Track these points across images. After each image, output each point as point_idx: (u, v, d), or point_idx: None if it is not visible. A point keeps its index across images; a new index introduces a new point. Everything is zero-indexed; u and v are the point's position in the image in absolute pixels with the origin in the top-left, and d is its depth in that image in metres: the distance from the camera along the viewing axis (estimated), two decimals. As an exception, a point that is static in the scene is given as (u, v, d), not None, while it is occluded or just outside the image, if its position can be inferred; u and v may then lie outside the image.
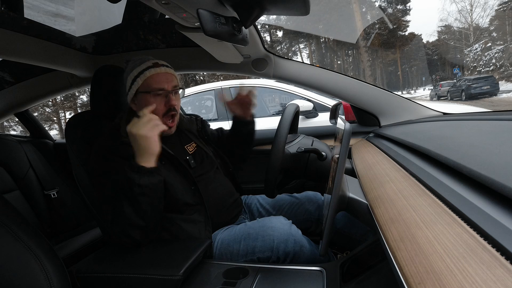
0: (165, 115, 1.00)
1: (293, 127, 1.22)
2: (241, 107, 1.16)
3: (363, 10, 30.95)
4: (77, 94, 16.97)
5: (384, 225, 0.47)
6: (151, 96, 0.97)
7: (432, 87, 28.38)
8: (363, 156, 1.01)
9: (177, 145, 1.07)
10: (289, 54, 35.13)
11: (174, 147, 1.03)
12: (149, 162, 0.84)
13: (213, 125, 1.36)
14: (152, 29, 1.27)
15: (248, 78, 3.36)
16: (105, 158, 0.92)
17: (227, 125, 1.43)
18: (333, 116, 1.33)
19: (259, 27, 1.16)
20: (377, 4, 32.26)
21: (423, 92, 29.99)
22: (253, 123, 1.21)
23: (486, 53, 23.05)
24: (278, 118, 1.08)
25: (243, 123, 1.19)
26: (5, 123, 13.75)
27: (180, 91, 1.05)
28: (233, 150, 1.23)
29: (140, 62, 0.99)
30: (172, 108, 0.99)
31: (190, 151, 1.09)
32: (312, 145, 1.11)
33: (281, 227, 0.91)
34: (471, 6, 26.96)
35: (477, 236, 0.30)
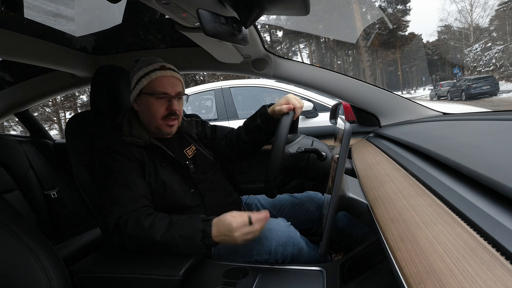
0: (165, 118, 0.99)
1: (293, 127, 1.21)
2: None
3: (363, 10, 30.98)
4: (77, 94, 17.00)
5: (384, 225, 0.47)
6: (154, 98, 0.97)
7: (432, 87, 28.38)
8: (363, 156, 1.01)
9: (177, 149, 1.06)
10: (289, 54, 35.13)
11: (173, 150, 1.03)
12: (218, 240, 0.81)
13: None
14: (152, 29, 1.27)
15: (248, 78, 3.36)
16: (108, 156, 0.92)
17: (227, 124, 1.43)
18: (333, 116, 1.33)
19: (259, 27, 1.16)
20: (377, 4, 32.29)
21: (423, 92, 29.99)
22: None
23: (486, 53, 23.04)
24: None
25: (273, 120, 1.07)
26: (5, 123, 13.76)
27: (184, 97, 1.05)
28: (251, 144, 1.16)
29: (148, 63, 0.99)
30: (172, 112, 0.99)
31: (189, 155, 1.08)
32: (312, 145, 1.10)
33: (279, 229, 0.90)
34: (471, 6, 26.97)
35: (477, 236, 0.30)
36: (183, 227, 0.82)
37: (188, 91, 3.51)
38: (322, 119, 2.86)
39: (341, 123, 0.78)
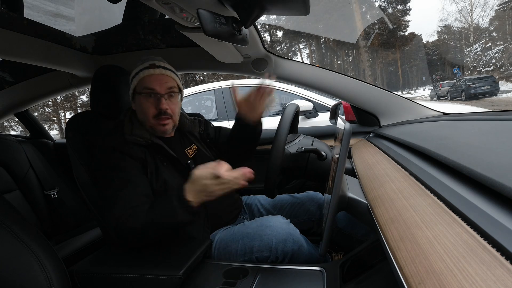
0: (156, 118, 0.98)
1: (293, 127, 1.21)
2: (249, 108, 1.07)
3: (363, 10, 31.00)
4: (77, 94, 16.99)
5: (384, 225, 0.47)
6: (143, 97, 0.97)
7: (432, 87, 28.41)
8: (363, 156, 1.01)
9: (178, 148, 1.06)
10: (289, 54, 35.14)
11: (175, 149, 1.02)
12: (199, 201, 0.81)
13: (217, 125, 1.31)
14: (152, 29, 1.27)
15: (248, 78, 3.36)
16: (110, 155, 0.92)
17: (227, 125, 1.43)
18: (333, 116, 1.33)
19: (259, 27, 1.16)
20: (377, 4, 32.30)
21: (423, 92, 30.01)
22: (255, 128, 1.11)
23: (486, 53, 23.06)
24: (278, 118, 1.08)
25: (245, 127, 1.10)
26: (5, 123, 13.76)
27: (179, 95, 1.03)
28: (232, 150, 1.18)
29: (141, 62, 0.99)
30: (162, 111, 0.97)
31: (191, 155, 1.08)
32: (312, 145, 1.10)
33: (279, 226, 0.91)
34: (471, 6, 26.98)
35: (477, 236, 0.30)
36: (162, 203, 0.83)
37: (188, 91, 3.50)
38: (322, 119, 2.86)
39: (341, 123, 0.78)
